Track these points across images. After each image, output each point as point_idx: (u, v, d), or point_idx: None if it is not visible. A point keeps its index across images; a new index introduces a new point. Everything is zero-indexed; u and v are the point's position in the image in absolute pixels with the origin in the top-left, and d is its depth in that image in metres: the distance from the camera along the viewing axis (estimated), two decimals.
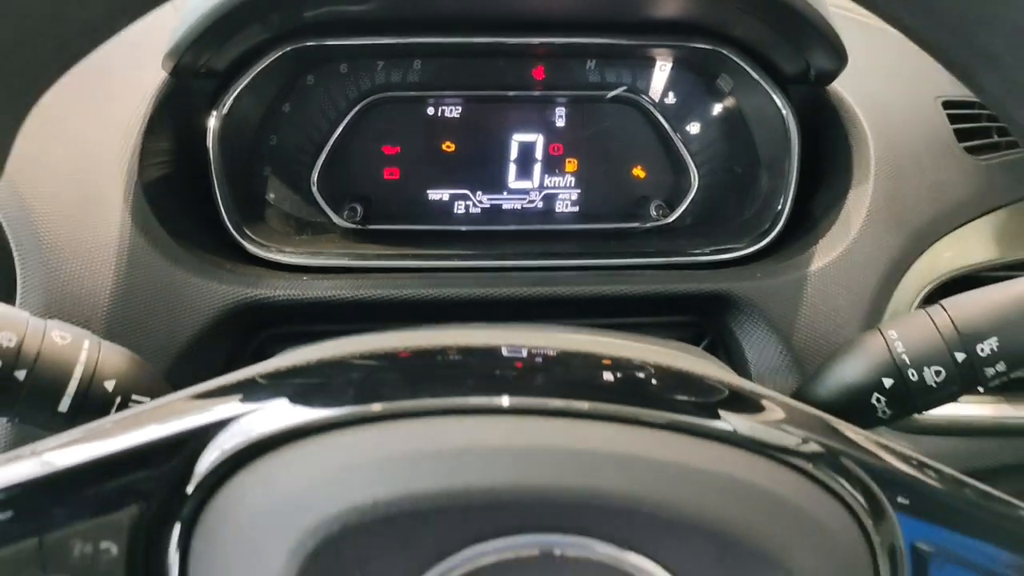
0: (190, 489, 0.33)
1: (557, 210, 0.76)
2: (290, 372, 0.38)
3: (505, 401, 0.34)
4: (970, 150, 0.69)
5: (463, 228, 0.75)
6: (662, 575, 0.31)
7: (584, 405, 0.34)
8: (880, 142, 0.67)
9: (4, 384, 0.45)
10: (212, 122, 0.66)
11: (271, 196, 0.73)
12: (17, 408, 0.46)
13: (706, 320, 0.68)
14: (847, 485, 0.34)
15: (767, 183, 0.72)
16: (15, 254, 0.57)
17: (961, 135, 0.69)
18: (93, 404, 0.47)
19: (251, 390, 0.36)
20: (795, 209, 0.70)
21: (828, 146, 0.71)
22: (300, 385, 0.37)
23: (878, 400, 0.50)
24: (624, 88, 0.73)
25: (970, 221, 0.66)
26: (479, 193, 0.75)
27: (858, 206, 0.65)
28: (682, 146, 0.74)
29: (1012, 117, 0.27)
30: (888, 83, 0.71)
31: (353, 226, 0.73)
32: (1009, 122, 0.28)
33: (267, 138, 0.73)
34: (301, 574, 0.30)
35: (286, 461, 0.33)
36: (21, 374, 0.45)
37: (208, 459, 0.33)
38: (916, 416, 0.62)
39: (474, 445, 0.32)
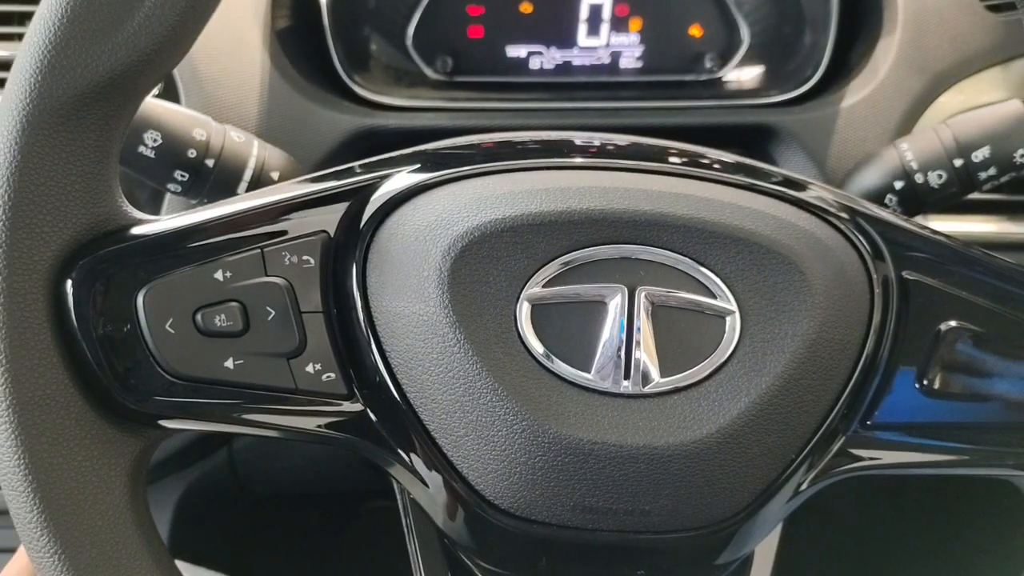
0: (365, 219, 0.45)
1: (622, 66, 0.86)
2: (430, 150, 0.49)
3: (597, 161, 0.46)
4: (990, 8, 0.78)
5: (540, 80, 0.85)
6: (707, 272, 0.43)
7: (660, 166, 0.46)
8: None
9: (197, 170, 0.58)
10: None
11: (373, 48, 0.84)
12: (207, 190, 0.59)
13: (752, 151, 0.79)
14: (855, 230, 0.45)
15: (810, 39, 0.82)
16: (179, 85, 0.69)
17: None
18: None
19: (399, 160, 0.48)
20: (835, 63, 0.80)
21: (864, 5, 0.80)
22: (441, 154, 0.48)
23: (890, 200, 0.61)
24: None
25: (985, 68, 0.76)
26: (553, 49, 0.85)
27: (886, 53, 0.75)
28: (734, 8, 0.83)
29: None
30: None
31: (443, 78, 0.84)
32: None
33: (367, 1, 0.84)
34: (452, 267, 0.42)
35: (437, 197, 0.45)
36: (211, 162, 0.58)
37: (380, 196, 0.45)
38: None
39: (573, 184, 0.44)
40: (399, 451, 0.45)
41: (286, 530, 0.91)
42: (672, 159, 0.46)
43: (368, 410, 0.44)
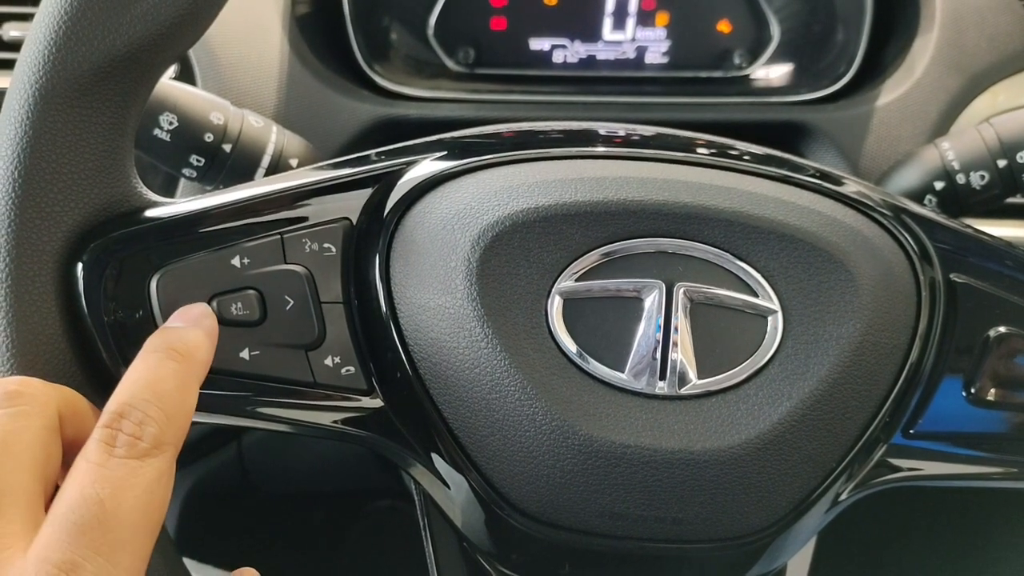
0: (390, 206, 0.43)
1: (647, 61, 0.84)
2: (451, 139, 0.47)
3: (628, 151, 0.44)
4: None
5: (563, 74, 0.84)
6: (749, 269, 0.41)
7: (692, 156, 0.44)
8: None
9: (214, 155, 0.56)
10: None
11: (393, 38, 0.82)
12: (223, 177, 0.57)
13: (782, 150, 0.77)
14: (901, 229, 0.43)
15: (842, 37, 0.80)
16: (196, 70, 0.67)
17: None
18: None
19: (419, 148, 0.46)
20: (868, 61, 0.78)
21: (900, 3, 0.78)
22: (464, 143, 0.46)
23: (929, 201, 0.59)
24: None
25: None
26: (577, 43, 0.83)
27: (923, 52, 0.73)
28: (764, 4, 0.81)
29: None
30: None
31: (465, 69, 0.82)
32: None
33: None
34: (481, 259, 0.40)
35: (464, 185, 0.43)
36: (228, 147, 0.56)
37: (405, 183, 0.43)
38: None
39: (607, 174, 0.42)
40: (420, 450, 0.43)
41: (295, 528, 0.89)
42: (700, 150, 0.44)
43: (388, 406, 0.43)
